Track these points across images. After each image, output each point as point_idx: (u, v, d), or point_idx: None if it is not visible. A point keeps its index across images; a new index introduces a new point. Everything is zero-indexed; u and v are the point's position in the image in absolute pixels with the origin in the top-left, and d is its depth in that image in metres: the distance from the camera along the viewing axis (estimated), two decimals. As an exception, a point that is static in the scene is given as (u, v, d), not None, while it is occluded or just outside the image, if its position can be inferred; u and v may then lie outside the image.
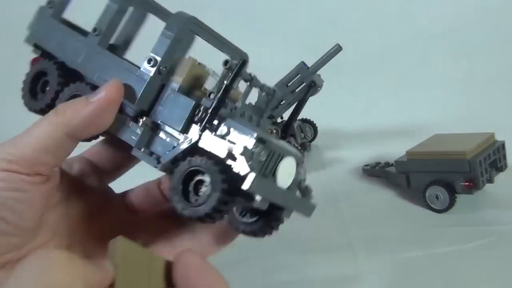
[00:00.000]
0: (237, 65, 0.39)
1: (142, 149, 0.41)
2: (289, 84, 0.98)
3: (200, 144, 0.39)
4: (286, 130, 0.96)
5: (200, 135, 0.39)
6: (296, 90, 0.98)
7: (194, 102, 0.40)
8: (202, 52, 0.45)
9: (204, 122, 0.39)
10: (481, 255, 0.70)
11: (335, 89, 1.15)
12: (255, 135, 0.37)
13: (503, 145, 0.87)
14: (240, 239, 0.43)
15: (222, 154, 0.37)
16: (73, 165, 0.48)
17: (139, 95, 0.40)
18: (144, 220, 0.48)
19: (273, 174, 0.40)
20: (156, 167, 0.40)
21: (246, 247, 0.40)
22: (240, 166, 0.36)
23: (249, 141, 0.37)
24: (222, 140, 0.38)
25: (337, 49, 0.96)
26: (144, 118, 0.41)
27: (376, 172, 0.96)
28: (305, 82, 0.97)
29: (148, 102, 0.41)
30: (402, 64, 1.35)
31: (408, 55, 1.36)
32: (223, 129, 0.39)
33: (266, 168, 0.39)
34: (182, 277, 0.34)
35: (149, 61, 0.41)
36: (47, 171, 0.39)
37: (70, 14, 0.50)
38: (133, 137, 0.41)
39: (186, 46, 0.45)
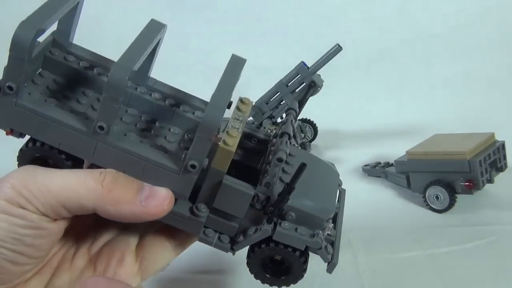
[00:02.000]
0: (298, 170, 0.39)
1: (207, 233, 0.41)
2: (289, 84, 0.98)
3: (275, 238, 0.40)
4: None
5: (273, 230, 0.40)
6: (296, 90, 0.98)
7: (252, 194, 0.40)
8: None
9: (271, 215, 0.40)
10: (481, 255, 0.70)
11: (335, 89, 1.15)
12: (325, 220, 0.42)
13: (503, 145, 0.87)
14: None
15: (301, 247, 0.41)
16: None
17: (188, 194, 0.39)
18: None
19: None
20: (231, 253, 0.42)
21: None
22: (321, 256, 0.42)
23: (321, 225, 0.41)
24: (297, 235, 0.40)
25: (337, 49, 0.96)
26: (201, 210, 0.40)
27: (376, 172, 0.96)
28: (305, 82, 0.97)
29: (189, 192, 0.40)
30: (402, 64, 1.35)
31: (408, 55, 1.36)
32: (290, 216, 0.41)
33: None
34: None
35: (192, 167, 0.38)
36: (61, 217, 0.37)
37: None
38: (194, 230, 0.41)
39: None
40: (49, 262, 0.42)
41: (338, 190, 0.47)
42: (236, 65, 0.40)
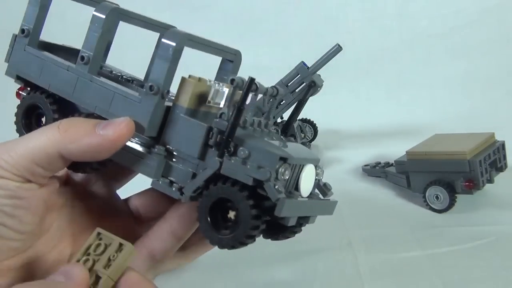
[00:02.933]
0: (246, 84, 0.38)
1: (161, 181, 0.40)
2: (289, 84, 0.98)
3: (223, 172, 0.38)
4: (286, 130, 0.96)
5: (221, 162, 0.38)
6: (296, 90, 0.98)
7: (206, 127, 0.39)
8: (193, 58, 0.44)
9: (221, 147, 0.38)
10: (481, 255, 0.70)
11: (335, 89, 1.15)
12: (278, 155, 0.37)
13: (503, 145, 0.87)
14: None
15: (248, 181, 0.37)
16: None
17: (147, 124, 0.39)
18: (149, 225, 0.48)
19: (296, 186, 0.41)
20: (180, 199, 0.39)
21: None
22: (268, 191, 0.36)
23: (273, 162, 0.37)
24: (245, 166, 0.37)
25: (337, 49, 0.96)
26: (156, 147, 0.40)
27: (376, 172, 0.96)
28: (305, 82, 0.97)
29: (156, 129, 0.40)
30: (402, 64, 1.35)
31: (408, 55, 1.36)
32: (242, 152, 0.38)
33: (289, 184, 0.40)
34: None
35: (151, 88, 0.39)
36: (39, 180, 0.39)
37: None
38: (148, 169, 0.40)
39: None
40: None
41: (312, 165, 0.42)
42: None
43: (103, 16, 0.42)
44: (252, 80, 0.38)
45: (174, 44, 0.39)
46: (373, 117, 1.20)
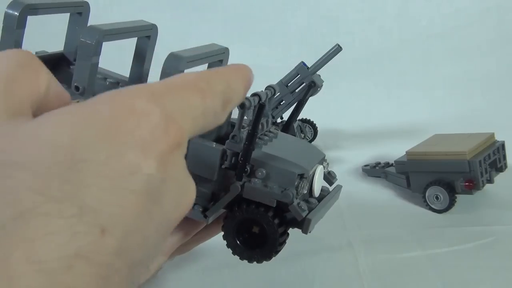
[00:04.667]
0: (256, 110, 0.38)
1: None
2: (289, 84, 0.98)
3: (245, 196, 0.39)
4: (286, 130, 0.96)
5: (242, 186, 0.38)
6: (296, 90, 0.98)
7: (220, 150, 0.39)
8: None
9: (239, 171, 0.39)
10: (481, 255, 0.70)
11: (335, 89, 1.15)
12: (295, 174, 0.39)
13: (503, 145, 0.87)
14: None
15: (272, 204, 0.38)
16: None
17: None
18: None
19: (310, 191, 0.42)
20: (204, 221, 0.40)
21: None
22: (293, 212, 0.38)
23: (292, 181, 0.38)
24: (266, 189, 0.38)
25: (337, 49, 0.96)
26: None
27: (376, 172, 0.96)
28: (305, 82, 0.97)
29: None
30: (402, 64, 1.35)
31: (408, 55, 1.36)
32: (260, 173, 0.39)
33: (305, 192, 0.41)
34: None
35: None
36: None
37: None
38: None
39: None
40: None
41: (320, 164, 0.44)
42: None
43: (92, 43, 0.41)
44: (262, 106, 0.39)
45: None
46: (373, 117, 1.20)
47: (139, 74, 0.47)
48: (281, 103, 0.99)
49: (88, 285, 0.19)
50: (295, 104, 0.98)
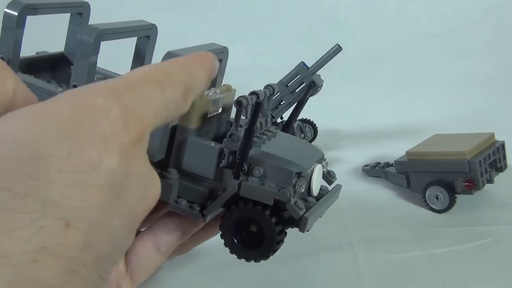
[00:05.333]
0: (253, 109, 0.38)
1: (178, 202, 0.40)
2: (289, 84, 0.98)
3: (243, 194, 0.38)
4: (286, 130, 0.96)
5: (239, 185, 0.38)
6: (296, 90, 0.98)
7: (218, 149, 0.39)
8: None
9: (236, 170, 0.38)
10: (481, 255, 0.70)
11: (335, 89, 1.15)
12: (293, 172, 0.38)
13: (503, 145, 0.87)
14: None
15: (269, 202, 0.38)
16: None
17: (157, 147, 0.38)
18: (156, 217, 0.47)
19: (309, 190, 0.42)
20: (202, 220, 0.40)
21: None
22: (290, 210, 0.38)
23: (289, 179, 0.38)
24: (264, 187, 0.38)
25: (337, 49, 0.95)
26: (168, 170, 0.39)
27: (376, 172, 0.96)
28: (305, 82, 0.97)
29: (164, 151, 0.40)
30: (402, 64, 1.35)
31: (408, 55, 1.36)
32: (257, 171, 0.39)
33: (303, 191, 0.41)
34: None
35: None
36: None
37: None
38: (164, 193, 0.38)
39: None
40: None
41: (319, 163, 0.43)
42: None
43: (90, 42, 0.40)
44: (259, 104, 0.39)
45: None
46: (373, 117, 1.20)
47: None
48: (281, 103, 0.99)
49: (56, 279, 0.19)
50: (295, 104, 0.98)
